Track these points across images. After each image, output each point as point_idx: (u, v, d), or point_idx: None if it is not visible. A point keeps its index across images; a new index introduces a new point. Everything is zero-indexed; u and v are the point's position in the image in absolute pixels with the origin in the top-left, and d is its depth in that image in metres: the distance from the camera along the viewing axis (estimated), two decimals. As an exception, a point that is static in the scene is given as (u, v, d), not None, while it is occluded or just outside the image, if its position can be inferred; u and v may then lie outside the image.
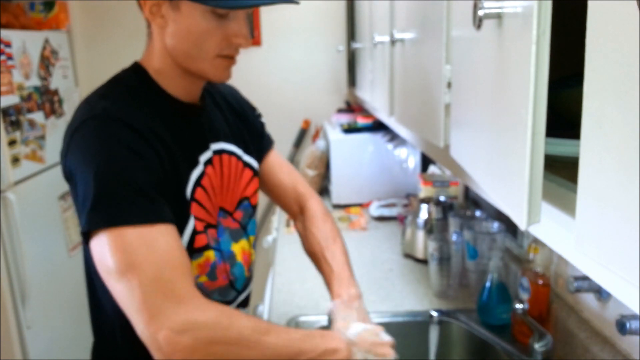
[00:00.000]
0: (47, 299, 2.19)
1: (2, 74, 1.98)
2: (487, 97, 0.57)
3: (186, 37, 0.87)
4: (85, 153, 0.81)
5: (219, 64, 0.90)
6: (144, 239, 0.78)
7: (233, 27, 0.87)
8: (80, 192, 0.81)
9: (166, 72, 0.92)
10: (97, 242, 0.79)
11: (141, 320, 0.75)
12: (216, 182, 0.99)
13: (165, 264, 0.78)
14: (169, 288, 0.76)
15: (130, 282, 0.76)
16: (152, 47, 0.93)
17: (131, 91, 0.91)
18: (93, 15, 2.72)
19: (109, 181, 0.79)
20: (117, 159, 0.80)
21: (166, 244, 0.79)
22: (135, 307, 0.76)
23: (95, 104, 0.86)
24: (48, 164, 2.28)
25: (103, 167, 0.79)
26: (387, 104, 1.35)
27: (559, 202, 0.51)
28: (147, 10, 0.88)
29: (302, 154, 2.74)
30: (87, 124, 0.83)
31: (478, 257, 1.44)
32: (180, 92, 0.94)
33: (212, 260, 0.96)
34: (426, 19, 0.92)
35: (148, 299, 0.75)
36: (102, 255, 0.78)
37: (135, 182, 0.79)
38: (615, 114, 0.34)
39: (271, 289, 1.61)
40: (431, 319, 1.19)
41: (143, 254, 0.77)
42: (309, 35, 2.78)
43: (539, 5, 0.41)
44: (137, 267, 0.76)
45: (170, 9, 0.86)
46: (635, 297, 0.38)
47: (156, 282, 0.76)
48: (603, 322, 1.05)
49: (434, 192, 1.87)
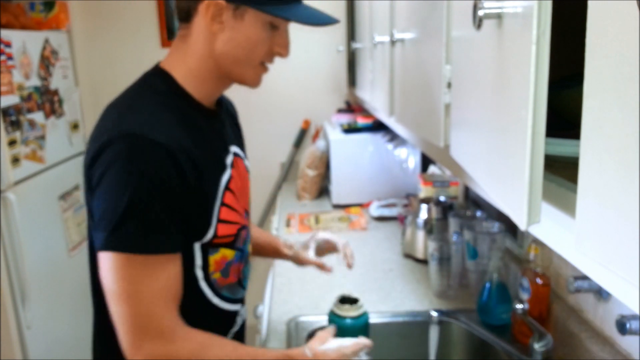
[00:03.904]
0: (47, 299, 2.19)
1: (2, 74, 1.98)
2: (487, 97, 0.57)
3: (242, 44, 0.92)
4: (117, 174, 0.83)
5: (259, 71, 0.97)
6: (148, 270, 0.85)
7: (280, 39, 0.95)
8: (101, 206, 0.85)
9: (199, 75, 0.95)
10: (107, 260, 0.85)
11: (125, 341, 0.86)
12: (239, 184, 1.03)
13: (160, 298, 0.86)
14: (155, 323, 0.86)
15: (124, 309, 0.85)
16: (186, 48, 0.94)
17: (159, 100, 0.92)
18: (93, 15, 2.72)
19: (134, 210, 0.82)
20: (146, 189, 0.83)
21: (167, 276, 0.87)
22: (123, 329, 0.86)
23: (128, 118, 0.87)
24: (48, 164, 2.28)
25: (132, 194, 0.82)
26: (387, 104, 1.35)
27: (559, 202, 0.51)
28: (209, 15, 0.89)
29: (302, 154, 2.74)
30: (121, 143, 0.83)
31: (478, 257, 1.44)
32: (204, 97, 0.97)
33: (229, 258, 1.01)
34: (426, 19, 0.92)
35: (135, 328, 0.85)
36: (108, 273, 0.85)
37: (155, 213, 0.84)
38: (615, 114, 0.34)
39: (271, 289, 1.61)
40: (431, 319, 1.19)
41: (143, 285, 0.85)
42: (309, 35, 2.78)
43: (539, 5, 0.41)
44: (134, 298, 0.85)
45: (232, 16, 0.90)
46: (635, 297, 0.38)
47: (145, 317, 0.86)
48: (603, 322, 1.05)
49: (434, 192, 1.87)
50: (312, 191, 2.52)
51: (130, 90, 0.96)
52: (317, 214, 2.28)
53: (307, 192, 2.53)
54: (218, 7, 0.89)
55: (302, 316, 1.40)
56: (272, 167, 2.91)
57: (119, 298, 0.85)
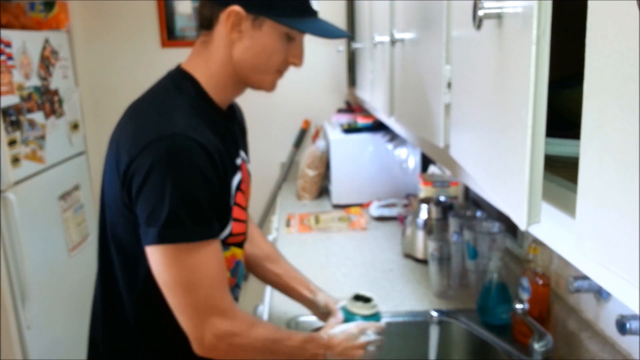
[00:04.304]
0: (47, 299, 2.18)
1: (2, 74, 1.98)
2: (487, 97, 0.57)
3: (259, 52, 0.97)
4: (164, 171, 0.87)
5: (274, 77, 1.03)
6: (200, 258, 0.91)
7: (294, 49, 1.01)
8: (150, 203, 0.89)
9: (220, 81, 1.00)
10: (161, 254, 0.90)
11: (191, 324, 0.92)
12: (247, 185, 1.09)
13: (215, 283, 0.93)
14: (216, 304, 0.93)
15: (186, 299, 0.92)
16: (208, 54, 0.99)
17: (193, 104, 0.97)
18: (93, 15, 2.72)
19: (184, 202, 0.87)
20: (190, 182, 0.88)
21: (217, 262, 0.94)
22: (187, 315, 0.92)
23: (164, 119, 0.91)
24: (48, 164, 2.28)
25: (180, 188, 0.87)
26: (387, 104, 1.35)
27: (559, 202, 0.51)
28: (229, 23, 0.94)
29: (302, 154, 2.74)
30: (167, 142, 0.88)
31: (478, 257, 1.44)
32: (222, 101, 1.03)
33: (238, 257, 1.07)
34: (426, 19, 0.92)
35: (199, 312, 0.92)
36: (164, 267, 0.90)
37: (201, 204, 0.89)
38: (615, 114, 0.34)
39: (271, 289, 1.61)
40: (431, 319, 1.19)
41: (200, 272, 0.91)
42: (309, 35, 2.78)
43: (539, 5, 0.41)
44: (194, 284, 0.91)
45: (250, 26, 0.95)
46: (635, 297, 0.38)
47: (207, 300, 0.92)
48: (603, 322, 1.05)
49: (434, 192, 1.87)
50: (312, 191, 2.52)
51: (160, 91, 1.00)
52: (317, 214, 2.28)
53: (307, 192, 2.53)
54: (238, 17, 0.93)
55: (302, 316, 1.39)
56: (272, 167, 2.91)
57: (178, 287, 0.91)
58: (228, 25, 0.94)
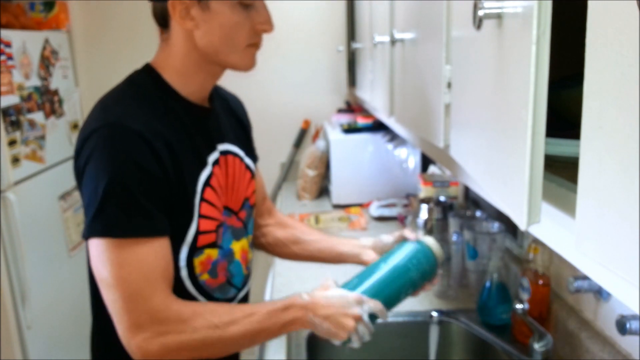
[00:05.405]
0: (47, 299, 2.19)
1: (2, 74, 1.98)
2: (487, 97, 0.57)
3: (219, 33, 0.92)
4: (97, 161, 0.86)
5: (248, 53, 0.96)
6: (135, 253, 0.86)
7: (258, 16, 0.94)
8: (85, 196, 0.88)
9: (186, 72, 0.97)
10: (95, 248, 0.86)
11: (120, 327, 0.87)
12: (222, 182, 1.03)
13: (148, 280, 0.86)
14: (146, 303, 0.86)
15: (115, 294, 0.86)
16: (169, 49, 0.96)
17: (145, 94, 0.94)
18: (93, 15, 2.72)
19: (113, 194, 0.84)
20: (124, 173, 0.85)
21: (154, 258, 0.88)
22: (117, 315, 0.87)
23: (110, 109, 0.90)
24: (48, 164, 2.28)
25: (110, 179, 0.84)
26: (387, 104, 1.35)
27: (559, 202, 0.51)
28: (177, 14, 0.91)
29: (302, 154, 2.74)
30: (102, 132, 0.87)
31: (478, 257, 1.44)
32: (192, 93, 0.98)
33: (213, 258, 1.00)
34: (426, 19, 0.92)
35: (127, 311, 0.86)
36: (96, 261, 0.87)
37: (136, 197, 0.85)
38: (615, 114, 0.34)
39: (271, 289, 1.61)
40: (431, 319, 1.19)
41: (131, 268, 0.85)
42: (309, 35, 2.78)
43: (539, 5, 0.41)
44: (123, 281, 0.85)
45: (199, 10, 0.90)
46: (635, 297, 0.38)
47: (136, 298, 0.86)
48: (603, 322, 1.05)
49: (434, 192, 1.86)
50: (312, 191, 2.52)
51: (117, 86, 0.98)
52: (317, 214, 2.28)
53: (307, 192, 2.53)
54: (184, 5, 0.90)
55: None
56: (272, 167, 2.91)
57: (108, 284, 0.86)
58: (177, 17, 0.91)
